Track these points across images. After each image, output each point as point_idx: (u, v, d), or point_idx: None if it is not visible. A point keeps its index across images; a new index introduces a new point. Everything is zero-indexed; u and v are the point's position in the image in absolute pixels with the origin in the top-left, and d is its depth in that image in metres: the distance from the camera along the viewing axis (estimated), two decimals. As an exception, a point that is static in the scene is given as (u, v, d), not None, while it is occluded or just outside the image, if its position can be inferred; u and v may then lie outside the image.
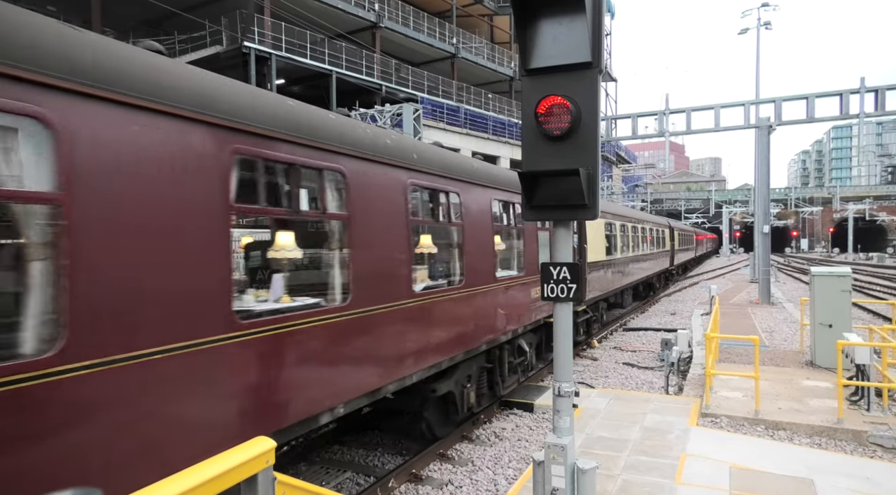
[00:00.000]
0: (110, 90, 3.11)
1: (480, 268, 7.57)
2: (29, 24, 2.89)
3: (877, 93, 19.38)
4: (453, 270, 7.25)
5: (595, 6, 3.49)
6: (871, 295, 24.79)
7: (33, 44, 2.84)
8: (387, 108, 26.15)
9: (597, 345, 14.48)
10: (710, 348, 8.98)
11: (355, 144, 5.12)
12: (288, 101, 4.65)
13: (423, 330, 6.22)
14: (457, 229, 7.17)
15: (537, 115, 3.60)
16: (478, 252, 7.52)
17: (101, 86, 3.07)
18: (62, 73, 2.91)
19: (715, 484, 5.73)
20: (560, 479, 3.70)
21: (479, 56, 40.17)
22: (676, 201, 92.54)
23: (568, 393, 3.78)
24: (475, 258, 7.44)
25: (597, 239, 13.82)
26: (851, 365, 8.21)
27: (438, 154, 6.84)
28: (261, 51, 25.67)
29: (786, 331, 14.89)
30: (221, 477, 2.46)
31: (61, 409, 2.85)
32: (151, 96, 3.33)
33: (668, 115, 22.81)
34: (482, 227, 7.69)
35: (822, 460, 6.47)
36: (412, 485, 6.41)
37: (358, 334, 5.09)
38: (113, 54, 3.24)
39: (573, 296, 3.76)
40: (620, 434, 7.33)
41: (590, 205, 3.61)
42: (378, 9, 31.74)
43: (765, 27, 30.97)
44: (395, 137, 5.96)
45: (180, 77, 3.61)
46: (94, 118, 3.04)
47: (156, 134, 3.36)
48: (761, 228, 21.69)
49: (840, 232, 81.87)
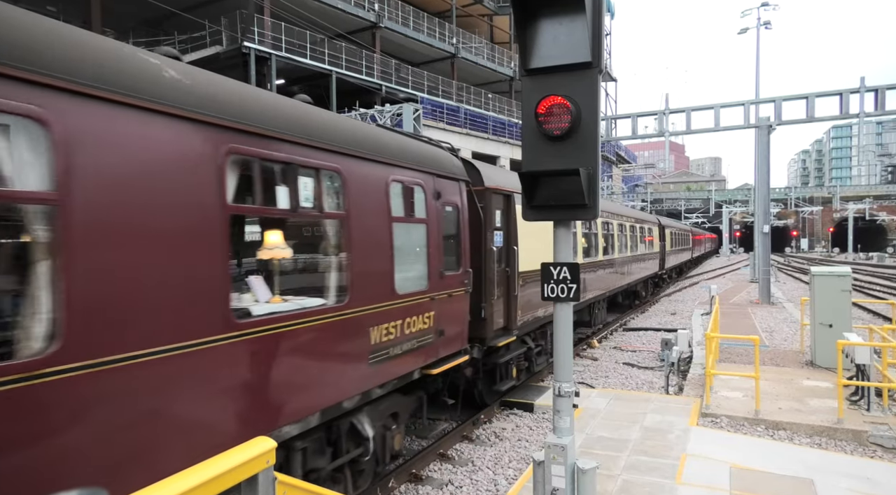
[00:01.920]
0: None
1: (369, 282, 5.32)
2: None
3: (877, 92, 19.38)
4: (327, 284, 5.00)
5: (595, 6, 3.49)
6: (871, 294, 24.80)
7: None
8: (387, 108, 26.20)
9: (597, 345, 14.47)
10: (710, 348, 8.98)
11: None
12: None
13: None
14: (334, 223, 4.99)
15: (537, 114, 3.60)
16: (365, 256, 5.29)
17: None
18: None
19: (715, 484, 5.73)
20: (560, 479, 3.70)
21: (479, 56, 40.18)
22: (676, 201, 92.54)
23: (568, 394, 3.78)
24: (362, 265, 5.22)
25: (540, 239, 9.30)
26: (851, 364, 8.21)
27: (295, 109, 4.70)
28: (261, 51, 25.68)
29: (786, 331, 14.89)
30: (222, 478, 2.46)
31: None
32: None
33: (667, 115, 22.81)
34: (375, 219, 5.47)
35: (823, 460, 6.47)
36: (412, 485, 6.41)
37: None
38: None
39: (573, 295, 3.76)
40: (620, 434, 7.32)
41: (590, 204, 3.61)
42: (378, 9, 31.73)
43: (764, 27, 30.97)
44: (184, 70, 3.75)
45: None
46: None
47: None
48: (761, 228, 21.69)
49: (840, 231, 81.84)
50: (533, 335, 10.06)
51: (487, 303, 7.93)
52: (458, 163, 7.44)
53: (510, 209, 8.66)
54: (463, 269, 7.15)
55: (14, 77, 2.72)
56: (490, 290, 7.97)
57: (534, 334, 10.09)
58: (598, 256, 14.42)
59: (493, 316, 8.08)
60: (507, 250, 8.60)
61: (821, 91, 20.17)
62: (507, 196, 8.62)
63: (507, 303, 8.58)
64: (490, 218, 8.01)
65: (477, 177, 7.99)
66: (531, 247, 9.19)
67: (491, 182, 8.21)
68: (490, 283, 7.99)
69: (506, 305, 8.56)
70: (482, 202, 7.92)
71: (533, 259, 9.12)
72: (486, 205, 7.98)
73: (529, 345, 9.80)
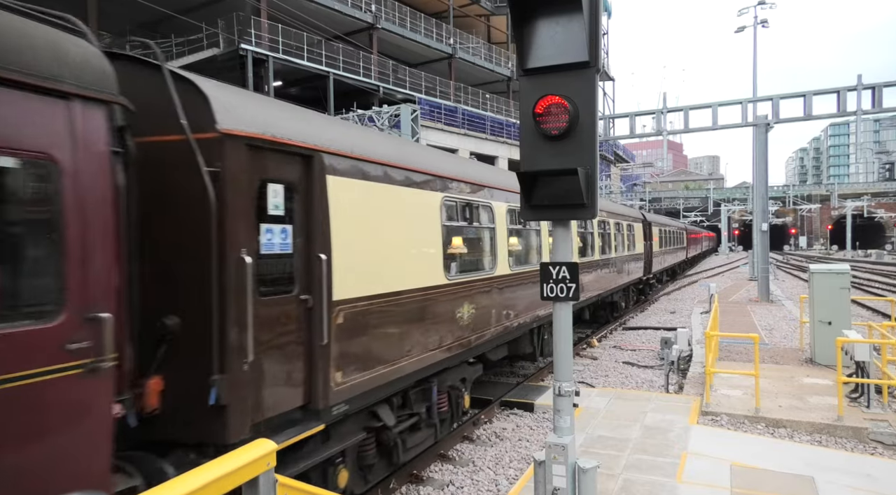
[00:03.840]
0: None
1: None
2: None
3: (874, 90, 19.42)
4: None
5: (592, 5, 3.49)
6: (869, 292, 24.83)
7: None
8: (384, 109, 26.19)
9: (596, 344, 14.48)
10: (709, 346, 8.99)
11: None
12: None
13: None
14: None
15: (535, 114, 3.60)
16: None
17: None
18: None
19: (716, 483, 5.74)
20: (561, 479, 3.70)
21: (477, 56, 40.20)
22: (675, 200, 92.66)
23: (568, 393, 3.78)
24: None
25: (398, 234, 5.87)
26: (851, 362, 8.21)
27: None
28: (258, 53, 25.67)
29: (785, 329, 14.91)
30: (223, 480, 2.46)
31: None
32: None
33: (665, 114, 22.86)
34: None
35: (823, 457, 6.47)
36: (413, 486, 6.40)
37: None
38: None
39: (573, 295, 3.76)
40: (621, 433, 7.33)
41: (588, 204, 3.61)
42: (375, 10, 31.74)
43: (762, 25, 31.02)
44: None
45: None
46: None
47: None
48: (760, 226, 21.71)
49: (838, 229, 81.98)
50: (403, 398, 6.28)
51: (231, 372, 3.86)
52: (64, 47, 3.09)
53: (313, 183, 4.69)
54: (70, 315, 2.98)
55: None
56: (236, 345, 3.90)
57: (403, 397, 6.29)
58: (535, 265, 9.60)
59: (259, 392, 4.17)
60: (307, 261, 4.65)
61: (818, 89, 20.21)
62: (303, 158, 4.66)
63: (308, 362, 4.65)
64: (240, 199, 4.00)
65: (199, 108, 3.89)
66: (372, 252, 5.37)
67: (241, 123, 4.06)
68: (236, 330, 3.92)
69: (307, 365, 4.65)
70: (214, 163, 3.85)
71: (377, 274, 5.43)
72: (226, 173, 3.89)
73: (385, 421, 5.76)
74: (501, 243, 8.38)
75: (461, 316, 7.11)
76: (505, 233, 8.53)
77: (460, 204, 7.30)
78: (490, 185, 8.20)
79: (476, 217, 7.72)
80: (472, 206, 7.60)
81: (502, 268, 8.30)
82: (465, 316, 7.21)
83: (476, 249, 7.93)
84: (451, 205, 7.08)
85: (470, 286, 7.37)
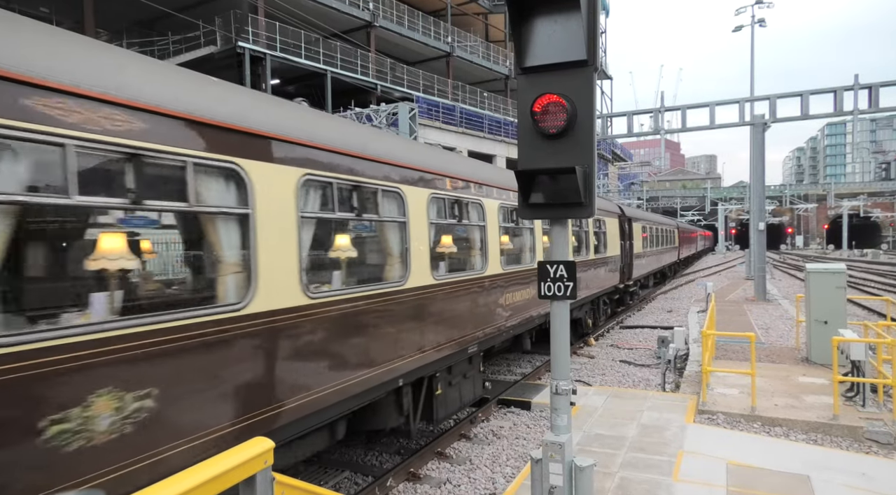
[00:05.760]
0: None
1: None
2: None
3: (870, 90, 19.45)
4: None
5: (590, 4, 3.49)
6: (865, 291, 24.91)
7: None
8: (382, 107, 26.14)
9: (594, 343, 14.50)
10: (706, 345, 9.01)
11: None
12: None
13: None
14: None
15: (533, 113, 3.60)
16: None
17: None
18: None
19: (712, 481, 5.75)
20: (558, 477, 3.71)
21: (475, 54, 40.18)
22: (672, 199, 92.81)
23: (565, 391, 3.78)
24: None
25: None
26: (847, 361, 8.25)
27: None
28: (255, 51, 25.62)
29: (781, 328, 14.95)
30: (220, 478, 2.45)
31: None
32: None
33: (663, 113, 22.85)
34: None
35: (818, 456, 6.49)
36: (410, 484, 6.41)
37: None
38: None
39: (570, 293, 3.77)
40: (618, 431, 7.34)
41: (586, 202, 3.62)
42: (373, 8, 31.69)
43: (759, 24, 31.09)
44: None
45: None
46: None
47: None
48: (757, 225, 21.76)
49: (835, 228, 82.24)
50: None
51: None
52: None
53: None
54: None
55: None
56: None
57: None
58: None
59: None
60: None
61: (815, 88, 20.22)
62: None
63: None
64: None
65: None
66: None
67: None
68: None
69: None
70: None
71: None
72: None
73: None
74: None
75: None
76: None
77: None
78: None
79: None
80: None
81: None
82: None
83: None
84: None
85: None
